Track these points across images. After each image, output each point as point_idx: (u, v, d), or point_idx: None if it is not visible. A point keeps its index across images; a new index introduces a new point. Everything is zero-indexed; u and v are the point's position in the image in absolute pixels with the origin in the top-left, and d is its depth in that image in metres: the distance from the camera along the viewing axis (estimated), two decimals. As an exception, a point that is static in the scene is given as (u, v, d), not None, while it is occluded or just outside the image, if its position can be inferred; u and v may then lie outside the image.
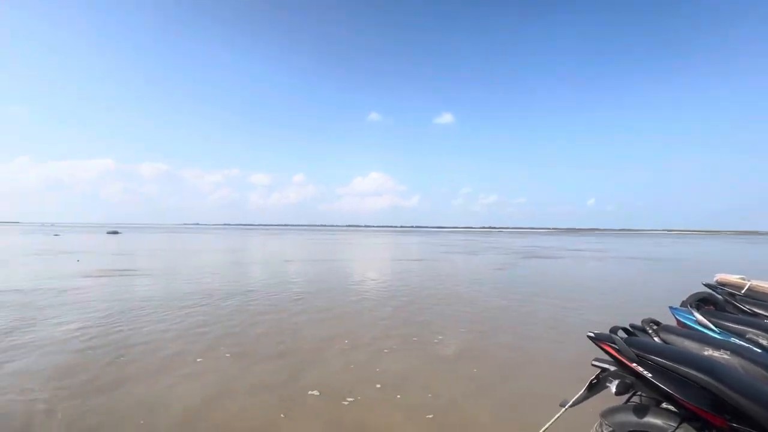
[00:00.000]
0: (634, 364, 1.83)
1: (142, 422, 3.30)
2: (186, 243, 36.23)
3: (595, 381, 2.06)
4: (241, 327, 6.41)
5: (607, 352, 2.01)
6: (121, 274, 12.94)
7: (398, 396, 3.91)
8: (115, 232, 64.62)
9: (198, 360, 4.80)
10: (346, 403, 3.74)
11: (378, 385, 4.14)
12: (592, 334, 2.13)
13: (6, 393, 3.82)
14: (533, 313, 7.83)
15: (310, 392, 3.95)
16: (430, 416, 3.52)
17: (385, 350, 5.34)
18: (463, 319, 7.22)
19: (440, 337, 6.01)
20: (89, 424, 3.26)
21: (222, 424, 3.31)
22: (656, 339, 2.32)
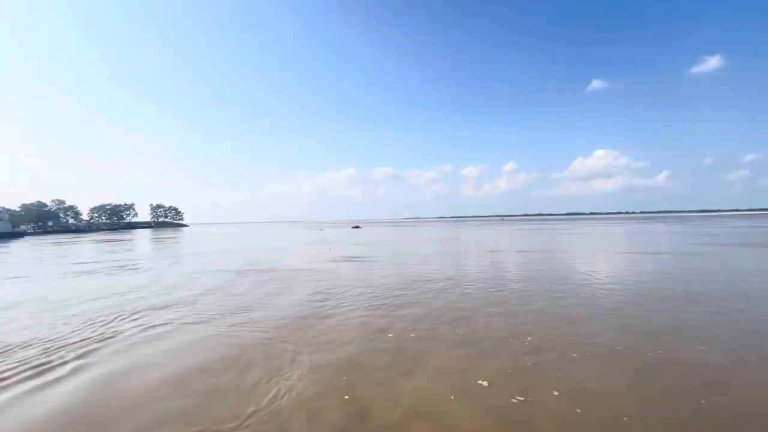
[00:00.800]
0: None
1: (344, 372, 4.23)
2: (405, 234, 41.51)
3: None
4: (436, 311, 7.00)
5: None
6: (356, 260, 16.27)
7: (578, 410, 3.43)
8: (357, 227, 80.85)
9: (389, 335, 5.64)
10: (515, 401, 3.59)
11: (555, 393, 3.74)
12: None
13: (267, 331, 5.65)
14: None
15: (479, 381, 4.00)
16: (617, 443, 2.94)
17: (575, 355, 4.70)
18: (702, 331, 5.39)
19: (660, 352, 4.75)
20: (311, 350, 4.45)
21: (391, 397, 3.83)
22: None
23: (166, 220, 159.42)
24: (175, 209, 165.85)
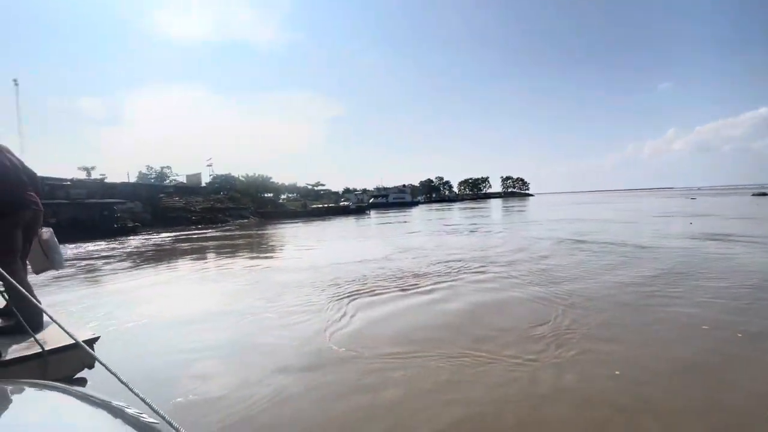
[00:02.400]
0: None
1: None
2: None
3: None
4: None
5: None
6: (721, 239, 12.46)
7: None
8: (764, 194, 55.96)
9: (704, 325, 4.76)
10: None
11: None
12: None
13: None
14: None
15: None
16: None
17: None
18: None
19: None
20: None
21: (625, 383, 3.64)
22: None
23: (514, 190, 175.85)
24: (522, 180, 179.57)
